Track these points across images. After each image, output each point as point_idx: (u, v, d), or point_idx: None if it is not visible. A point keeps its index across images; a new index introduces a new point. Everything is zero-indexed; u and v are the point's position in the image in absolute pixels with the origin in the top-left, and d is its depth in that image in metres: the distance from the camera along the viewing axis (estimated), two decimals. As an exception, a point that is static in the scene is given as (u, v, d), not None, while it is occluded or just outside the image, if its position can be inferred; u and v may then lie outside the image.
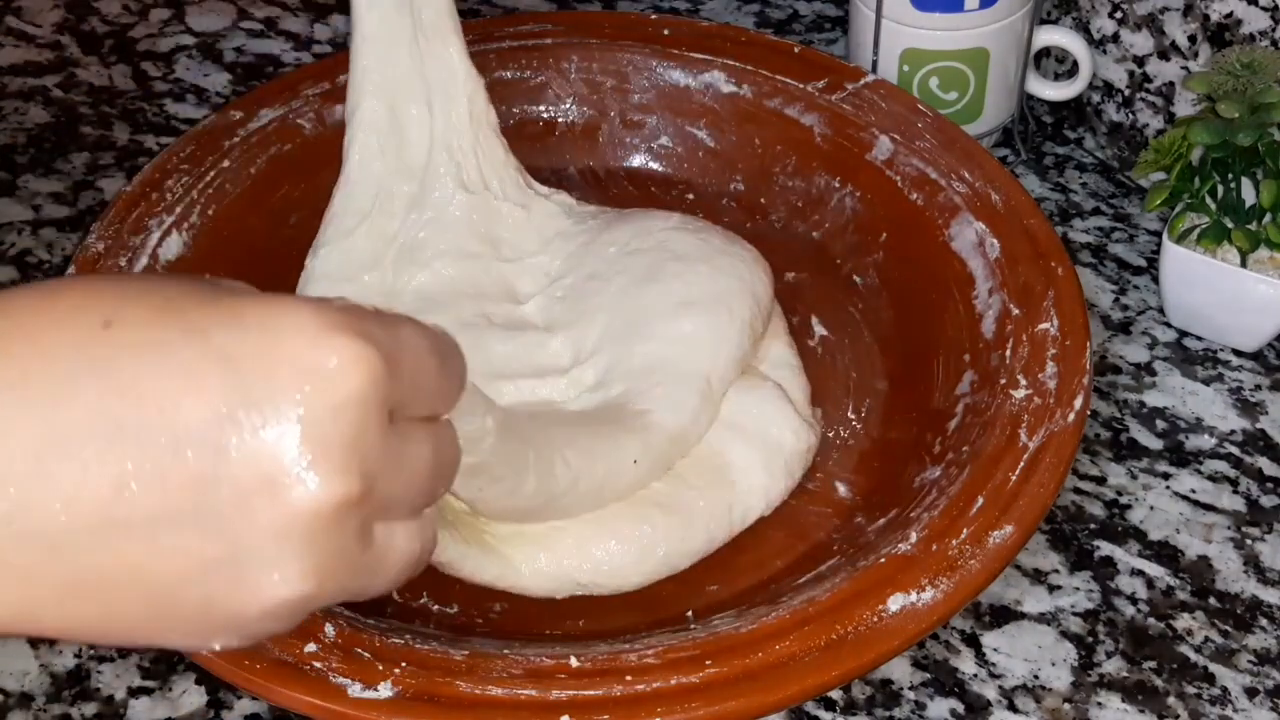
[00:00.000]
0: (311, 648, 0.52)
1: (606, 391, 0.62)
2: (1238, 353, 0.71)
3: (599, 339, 0.64)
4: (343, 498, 0.33)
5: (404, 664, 0.52)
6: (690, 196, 0.76)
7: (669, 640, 0.54)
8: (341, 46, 0.89)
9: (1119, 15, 0.77)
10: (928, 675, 0.59)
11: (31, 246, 0.77)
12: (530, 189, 0.71)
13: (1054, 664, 0.60)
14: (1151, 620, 0.61)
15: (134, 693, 0.59)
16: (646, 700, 0.51)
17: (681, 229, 0.69)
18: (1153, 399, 0.70)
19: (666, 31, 0.78)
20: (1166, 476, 0.66)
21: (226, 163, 0.71)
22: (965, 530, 0.56)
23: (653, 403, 0.61)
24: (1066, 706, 0.58)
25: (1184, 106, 0.76)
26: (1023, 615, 0.61)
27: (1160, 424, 0.69)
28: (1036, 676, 0.59)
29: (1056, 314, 0.63)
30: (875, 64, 0.78)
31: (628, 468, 0.59)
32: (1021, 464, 0.58)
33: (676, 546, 0.60)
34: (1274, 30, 0.71)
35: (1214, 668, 0.60)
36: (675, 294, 0.65)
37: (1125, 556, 0.63)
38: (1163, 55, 0.76)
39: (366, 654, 0.52)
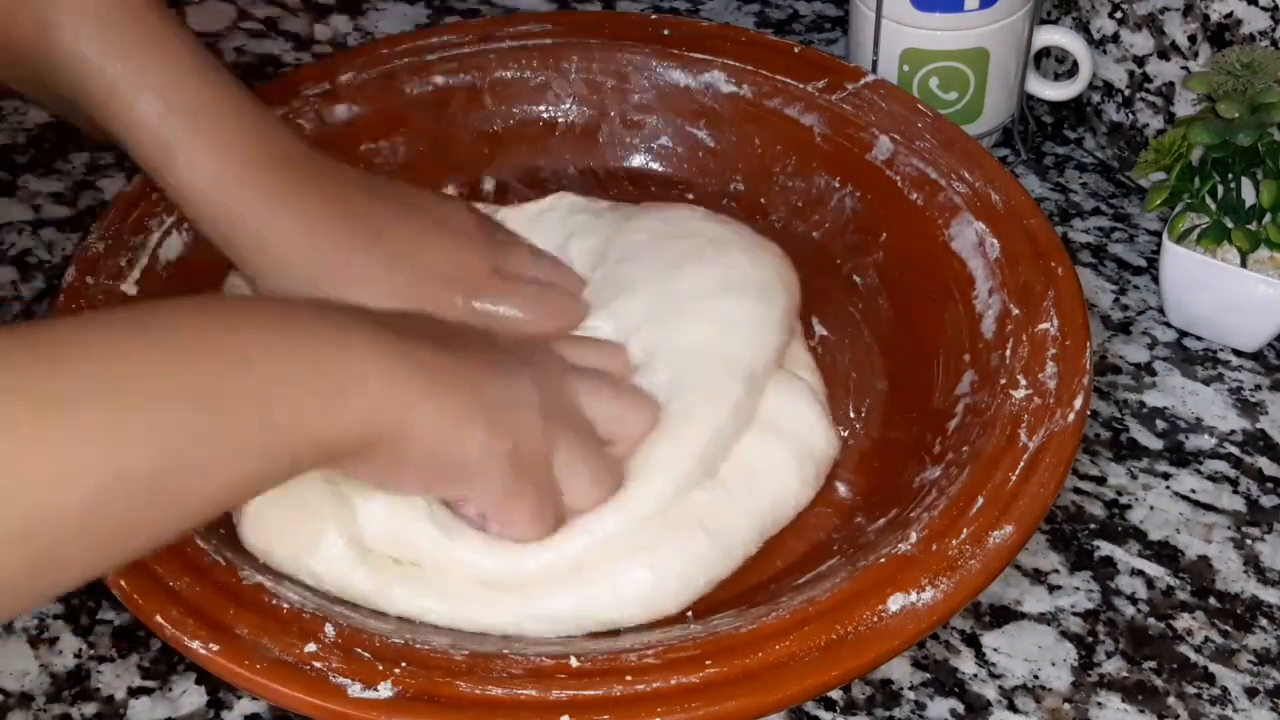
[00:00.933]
0: (311, 648, 0.52)
1: (652, 376, 0.61)
2: (1238, 353, 0.71)
3: (641, 317, 0.64)
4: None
5: (404, 664, 0.52)
6: (690, 196, 0.76)
7: (669, 640, 0.54)
8: (342, 46, 0.89)
9: (1119, 15, 0.77)
10: (928, 675, 0.59)
11: (31, 246, 0.77)
12: (524, 211, 0.71)
13: (1054, 664, 0.60)
14: (1151, 620, 0.61)
15: (134, 693, 0.59)
16: (646, 700, 0.51)
17: (712, 220, 0.69)
18: (1153, 399, 0.70)
19: (666, 31, 0.78)
20: (1166, 476, 0.66)
21: (227, 163, 0.71)
22: (965, 530, 0.56)
23: (695, 394, 0.60)
24: (1066, 706, 0.58)
25: (1184, 106, 0.76)
26: (1023, 615, 0.61)
27: (1160, 424, 0.69)
28: (1036, 676, 0.59)
29: (1056, 314, 0.63)
30: (875, 64, 0.78)
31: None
32: (1021, 464, 0.58)
33: (718, 573, 0.58)
34: (1274, 30, 0.71)
35: (1214, 668, 0.60)
36: (717, 277, 0.65)
37: (1125, 556, 0.63)
38: (1163, 55, 0.76)
39: (366, 654, 0.52)
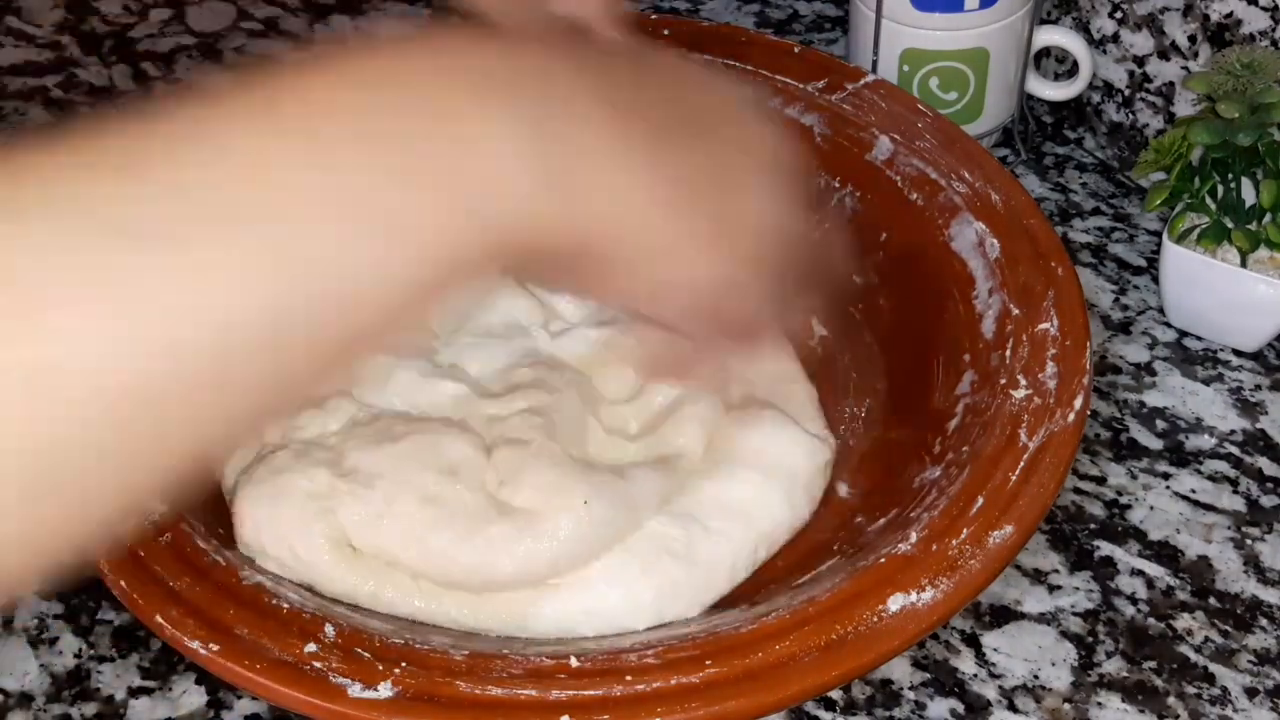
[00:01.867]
0: (311, 648, 0.52)
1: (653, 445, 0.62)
2: (1238, 353, 0.71)
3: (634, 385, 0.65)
4: None
5: (404, 664, 0.52)
6: (690, 196, 0.76)
7: (669, 640, 0.54)
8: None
9: (1119, 15, 0.77)
10: (928, 675, 0.59)
11: (31, 246, 0.77)
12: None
13: (1054, 664, 0.60)
14: (1151, 620, 0.61)
15: (134, 693, 0.59)
16: (646, 700, 0.51)
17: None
18: (1153, 399, 0.70)
19: (666, 31, 0.78)
20: (1166, 476, 0.66)
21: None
22: (965, 530, 0.56)
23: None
24: (1066, 706, 0.58)
25: (1184, 106, 0.76)
26: (1023, 615, 0.61)
27: (1160, 424, 0.69)
28: (1036, 676, 0.59)
29: (1056, 314, 0.63)
30: (875, 64, 0.78)
31: (579, 510, 0.57)
32: (1021, 464, 0.58)
33: (698, 596, 0.58)
34: (1274, 30, 0.71)
35: (1214, 668, 0.60)
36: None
37: (1125, 556, 0.63)
38: (1163, 55, 0.76)
39: (366, 654, 0.52)
